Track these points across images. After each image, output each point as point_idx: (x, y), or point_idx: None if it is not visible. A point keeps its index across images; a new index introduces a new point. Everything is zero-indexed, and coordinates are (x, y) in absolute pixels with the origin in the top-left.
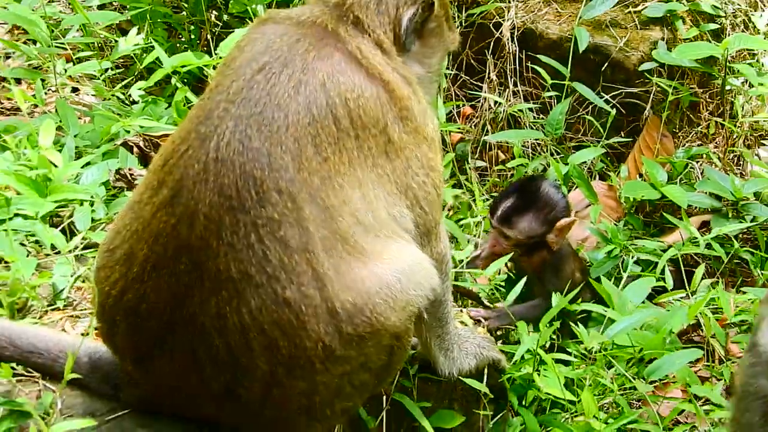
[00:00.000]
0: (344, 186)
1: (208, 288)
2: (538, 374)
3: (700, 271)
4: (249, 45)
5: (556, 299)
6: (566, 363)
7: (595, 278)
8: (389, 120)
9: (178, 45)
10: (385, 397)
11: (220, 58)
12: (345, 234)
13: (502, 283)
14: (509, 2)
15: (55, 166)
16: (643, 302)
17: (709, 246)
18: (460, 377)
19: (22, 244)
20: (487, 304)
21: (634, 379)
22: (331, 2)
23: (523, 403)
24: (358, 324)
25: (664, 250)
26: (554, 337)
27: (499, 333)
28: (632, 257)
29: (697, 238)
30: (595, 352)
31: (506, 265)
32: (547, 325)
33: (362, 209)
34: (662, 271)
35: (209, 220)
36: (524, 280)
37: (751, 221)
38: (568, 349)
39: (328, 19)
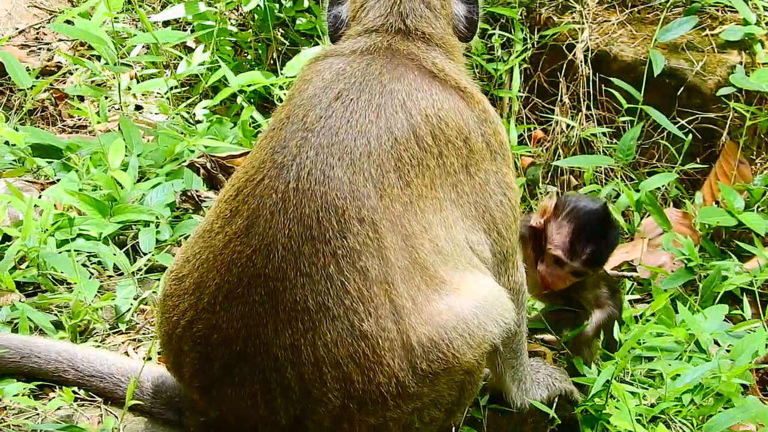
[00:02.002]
0: (426, 210)
1: (282, 319)
2: (610, 402)
3: None
4: (316, 76)
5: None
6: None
7: (670, 296)
8: (471, 126)
9: (243, 63)
10: (454, 430)
11: (287, 77)
12: (424, 263)
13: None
14: (583, 24)
15: (122, 186)
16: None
17: None
18: (532, 405)
19: (85, 266)
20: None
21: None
22: (387, 26)
23: None
24: (433, 360)
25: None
26: (627, 367)
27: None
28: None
29: None
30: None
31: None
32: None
33: (442, 236)
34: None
35: (287, 250)
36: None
37: None
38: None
39: (393, 41)
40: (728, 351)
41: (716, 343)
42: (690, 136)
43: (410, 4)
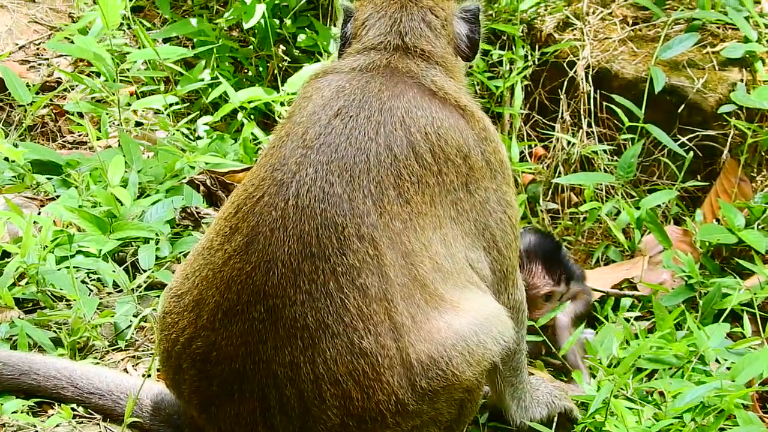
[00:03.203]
0: (425, 228)
1: (282, 336)
2: (610, 419)
3: None
4: (315, 94)
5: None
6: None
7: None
8: (471, 144)
9: (244, 80)
10: None
11: (288, 93)
12: (424, 280)
13: None
14: (584, 41)
15: (121, 203)
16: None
17: None
18: (531, 426)
19: (84, 282)
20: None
21: None
22: (385, 43)
23: None
24: (432, 378)
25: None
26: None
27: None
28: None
29: None
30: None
31: None
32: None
33: (441, 253)
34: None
35: (287, 267)
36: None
37: None
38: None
39: (392, 58)
40: (729, 369)
41: (717, 360)
42: (691, 153)
43: (410, 23)
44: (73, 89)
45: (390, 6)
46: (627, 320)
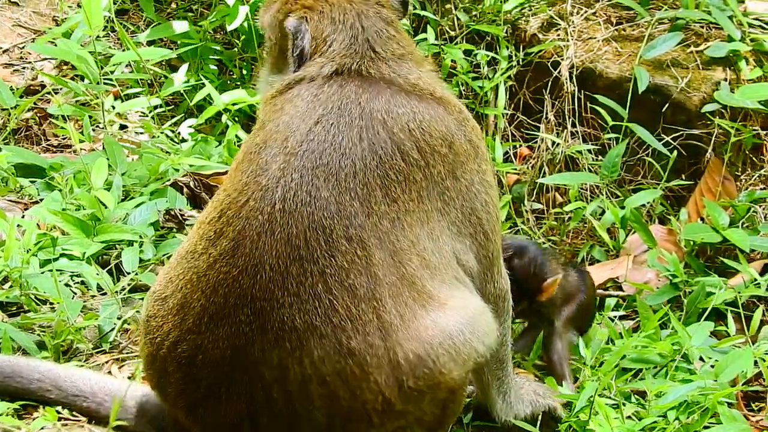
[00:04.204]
0: (413, 224)
1: (269, 339)
2: (594, 418)
3: (758, 313)
4: (287, 105)
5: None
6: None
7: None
8: (453, 130)
9: (228, 82)
10: None
11: None
12: (412, 278)
13: None
14: (568, 41)
15: (105, 206)
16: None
17: None
18: (515, 424)
19: (68, 285)
20: None
21: None
22: (352, 52)
23: None
24: (419, 377)
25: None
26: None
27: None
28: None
29: (757, 280)
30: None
31: None
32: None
33: (429, 248)
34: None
35: (274, 270)
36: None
37: None
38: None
39: (362, 63)
40: (713, 367)
41: (701, 358)
42: (675, 152)
43: (373, 27)
44: (57, 93)
45: (347, 17)
46: (612, 320)
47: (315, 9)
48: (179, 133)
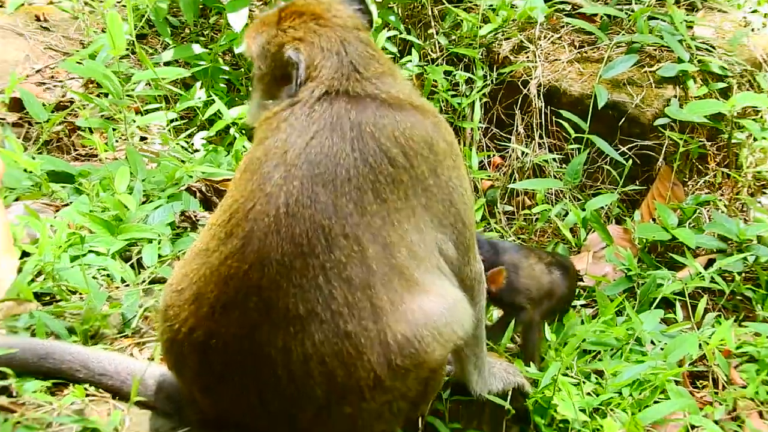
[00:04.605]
0: (402, 220)
1: (276, 324)
2: (557, 394)
3: (703, 302)
4: (283, 124)
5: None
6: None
7: (610, 299)
8: (431, 133)
9: (236, 98)
10: (420, 420)
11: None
12: (401, 268)
13: None
14: (536, 62)
15: (127, 208)
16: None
17: (713, 280)
18: (488, 398)
19: (95, 278)
20: None
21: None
22: (338, 76)
23: (545, 423)
24: (406, 356)
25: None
26: (572, 364)
27: None
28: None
29: (702, 273)
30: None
31: None
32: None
33: (416, 240)
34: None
35: (281, 265)
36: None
37: (754, 261)
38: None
39: (349, 84)
40: (662, 349)
41: (652, 342)
42: (630, 161)
43: (355, 51)
44: (84, 108)
45: (332, 44)
46: (574, 307)
47: (305, 40)
48: (193, 143)
